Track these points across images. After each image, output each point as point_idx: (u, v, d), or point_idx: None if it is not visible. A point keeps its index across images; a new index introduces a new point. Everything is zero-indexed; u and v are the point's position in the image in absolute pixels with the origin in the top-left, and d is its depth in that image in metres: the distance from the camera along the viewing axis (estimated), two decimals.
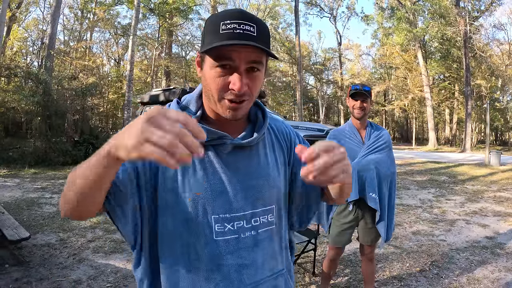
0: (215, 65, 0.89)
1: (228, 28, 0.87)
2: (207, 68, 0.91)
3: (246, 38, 0.87)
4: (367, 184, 2.57)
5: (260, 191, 1.00)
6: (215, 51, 0.87)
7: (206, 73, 0.92)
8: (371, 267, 2.89)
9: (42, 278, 3.46)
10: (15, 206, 6.32)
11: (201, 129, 0.65)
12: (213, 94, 0.92)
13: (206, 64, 0.92)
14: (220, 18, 0.88)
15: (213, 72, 0.90)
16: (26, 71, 16.80)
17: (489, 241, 4.76)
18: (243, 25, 0.87)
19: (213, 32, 0.88)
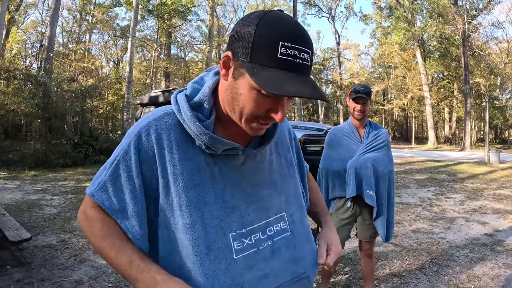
0: (260, 91, 0.80)
1: (289, 54, 0.77)
2: (245, 85, 0.81)
3: (304, 71, 0.80)
4: (364, 182, 2.60)
5: (270, 200, 0.99)
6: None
7: (242, 89, 0.82)
8: (370, 263, 2.91)
9: (43, 278, 3.48)
10: (15, 208, 6.33)
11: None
12: (244, 114, 0.84)
13: (244, 80, 0.81)
14: (280, 34, 0.77)
15: (253, 95, 0.81)
16: (26, 73, 16.84)
17: (488, 239, 4.77)
18: (303, 52, 0.79)
19: (268, 50, 0.77)
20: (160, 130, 0.89)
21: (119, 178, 0.89)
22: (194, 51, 37.14)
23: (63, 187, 8.38)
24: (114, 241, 0.88)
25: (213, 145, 0.88)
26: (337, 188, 2.73)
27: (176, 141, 0.89)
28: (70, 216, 5.80)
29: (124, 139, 0.92)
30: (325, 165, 2.82)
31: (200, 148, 0.90)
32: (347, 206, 2.73)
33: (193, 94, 0.93)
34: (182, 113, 0.88)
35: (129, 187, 0.88)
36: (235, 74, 0.83)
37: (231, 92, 0.85)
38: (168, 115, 0.91)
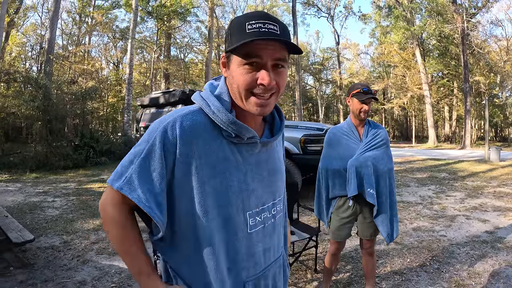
0: (243, 63, 0.95)
1: (254, 27, 0.93)
2: (235, 66, 0.97)
3: (271, 35, 0.93)
4: (365, 180, 2.62)
5: (277, 184, 1.17)
6: (243, 49, 0.94)
7: (234, 72, 0.98)
8: (371, 262, 2.93)
9: (47, 280, 3.50)
10: (17, 210, 6.35)
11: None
12: (241, 90, 0.98)
13: (233, 63, 0.98)
14: (245, 19, 0.95)
15: (241, 69, 0.96)
16: (26, 76, 16.87)
17: (489, 236, 4.79)
18: (268, 24, 0.94)
19: (239, 32, 0.94)
20: (185, 125, 0.98)
21: (145, 171, 0.98)
22: (193, 52, 37.18)
23: (65, 189, 8.40)
24: (130, 247, 1.04)
25: (241, 133, 1.01)
26: (337, 187, 2.75)
27: (201, 135, 1.00)
28: (72, 218, 5.82)
29: (147, 134, 1.01)
30: (324, 164, 2.84)
31: (228, 138, 1.03)
32: (348, 205, 2.75)
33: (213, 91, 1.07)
34: (212, 107, 1.00)
35: (154, 179, 0.98)
36: (227, 65, 1.01)
37: (230, 80, 1.01)
38: (193, 112, 1.02)
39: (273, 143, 1.16)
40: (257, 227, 1.09)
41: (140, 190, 0.97)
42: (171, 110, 6.90)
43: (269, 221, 1.13)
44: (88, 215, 6.00)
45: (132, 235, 1.04)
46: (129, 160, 1.01)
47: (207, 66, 26.83)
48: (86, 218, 5.80)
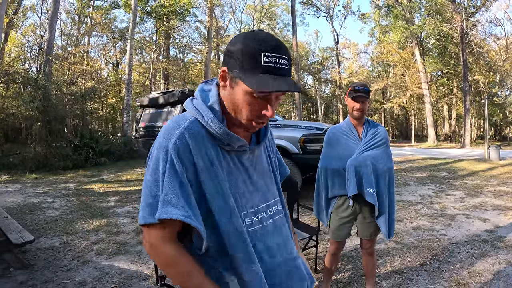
0: (251, 94, 1.01)
1: (270, 61, 0.97)
2: (240, 91, 1.02)
3: (284, 73, 0.99)
4: (364, 180, 2.61)
5: (269, 186, 1.23)
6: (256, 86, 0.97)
7: (238, 95, 1.03)
8: (371, 261, 2.93)
9: (47, 280, 3.50)
10: (17, 211, 6.35)
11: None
12: (243, 115, 1.05)
13: (239, 87, 1.02)
14: (261, 47, 0.97)
15: (247, 98, 1.02)
16: (25, 76, 16.86)
17: (489, 235, 4.79)
18: (281, 59, 0.99)
19: (254, 61, 0.97)
20: (189, 137, 1.03)
21: (175, 189, 0.99)
22: (193, 52, 37.17)
23: (65, 190, 8.40)
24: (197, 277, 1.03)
25: (232, 142, 1.07)
26: (337, 187, 2.75)
27: (201, 145, 1.04)
28: (72, 218, 5.82)
29: (159, 153, 1.03)
30: (324, 164, 2.84)
31: (220, 146, 1.08)
32: (347, 204, 2.75)
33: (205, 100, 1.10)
34: (205, 117, 1.05)
35: (186, 194, 1.00)
36: (231, 84, 1.04)
37: (231, 99, 1.06)
38: (193, 122, 1.06)
39: (259, 149, 1.22)
40: (254, 227, 1.12)
41: (180, 208, 0.98)
42: (171, 110, 6.87)
43: (267, 221, 1.17)
44: (88, 216, 6.00)
45: (192, 265, 1.04)
46: (154, 188, 1.02)
47: (207, 66, 26.83)
48: (86, 219, 5.80)
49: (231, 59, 1.02)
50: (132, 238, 4.82)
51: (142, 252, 4.30)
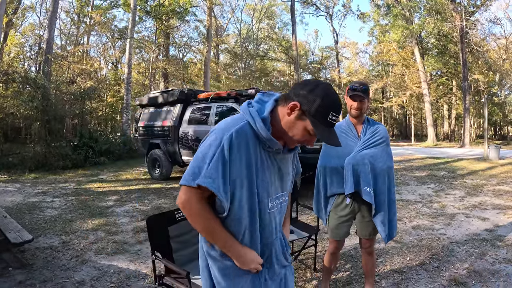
0: (309, 131, 1.38)
1: (332, 120, 1.36)
2: (302, 126, 1.38)
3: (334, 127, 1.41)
4: (362, 178, 2.60)
5: (287, 182, 1.60)
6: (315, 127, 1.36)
7: (299, 127, 1.38)
8: (371, 260, 2.92)
9: (45, 280, 3.48)
10: (16, 210, 6.34)
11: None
12: (294, 137, 1.41)
13: (303, 123, 1.37)
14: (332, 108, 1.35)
15: (304, 133, 1.39)
16: (24, 76, 16.83)
17: (489, 234, 4.78)
18: (337, 118, 1.40)
19: (325, 115, 1.34)
20: (240, 135, 1.35)
21: (218, 168, 1.31)
22: (192, 52, 37.12)
23: (64, 189, 8.39)
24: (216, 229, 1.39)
25: (272, 145, 1.41)
26: (335, 185, 2.74)
27: (248, 144, 1.37)
28: (71, 218, 5.81)
29: (214, 140, 1.35)
30: (323, 162, 2.83)
31: (263, 147, 1.42)
32: (346, 203, 2.74)
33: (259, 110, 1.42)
34: (257, 124, 1.37)
35: (224, 174, 1.32)
36: (297, 117, 1.37)
37: (290, 125, 1.39)
38: (245, 125, 1.38)
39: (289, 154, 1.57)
40: (273, 209, 1.51)
41: (217, 183, 1.30)
42: (170, 110, 6.86)
43: (279, 206, 1.55)
44: (87, 215, 5.98)
45: (216, 221, 1.39)
46: (201, 162, 1.33)
47: (206, 66, 26.80)
48: (85, 218, 5.78)
49: (306, 101, 1.34)
50: (131, 238, 4.81)
51: (141, 252, 4.29)
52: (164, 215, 2.67)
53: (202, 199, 1.36)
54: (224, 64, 42.84)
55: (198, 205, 1.35)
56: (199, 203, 1.35)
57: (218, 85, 35.46)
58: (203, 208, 1.36)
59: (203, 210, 1.36)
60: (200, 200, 1.35)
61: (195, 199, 1.34)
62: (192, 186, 1.31)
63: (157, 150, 9.67)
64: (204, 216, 1.37)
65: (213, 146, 1.33)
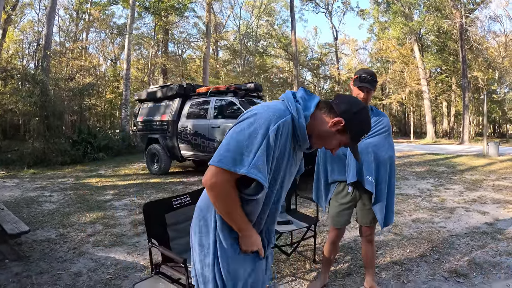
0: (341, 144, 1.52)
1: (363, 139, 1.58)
2: (338, 139, 1.49)
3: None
4: (364, 167, 2.57)
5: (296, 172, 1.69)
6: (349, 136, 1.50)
7: (336, 140, 1.50)
8: (371, 250, 2.88)
9: (42, 271, 3.46)
10: (14, 204, 6.30)
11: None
12: (325, 144, 1.54)
13: (340, 136, 1.49)
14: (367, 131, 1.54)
15: (336, 143, 1.52)
16: (23, 72, 16.78)
17: (489, 227, 4.76)
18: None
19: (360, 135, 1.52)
20: (284, 126, 1.38)
21: (264, 160, 1.33)
22: (191, 48, 37.04)
23: (62, 184, 8.36)
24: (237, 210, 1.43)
25: (303, 143, 1.48)
26: (336, 172, 2.71)
27: (286, 136, 1.41)
28: (69, 211, 5.78)
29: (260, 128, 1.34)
30: (323, 149, 2.79)
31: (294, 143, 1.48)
32: (347, 191, 2.71)
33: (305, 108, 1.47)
34: (300, 123, 1.42)
35: (268, 163, 1.37)
36: (338, 131, 1.47)
37: (328, 134, 1.48)
38: (289, 118, 1.41)
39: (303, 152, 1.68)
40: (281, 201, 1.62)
41: (264, 174, 1.33)
42: (169, 104, 6.83)
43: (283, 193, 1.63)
44: (85, 209, 5.95)
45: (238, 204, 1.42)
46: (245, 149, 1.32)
47: (205, 62, 26.70)
48: (83, 212, 5.75)
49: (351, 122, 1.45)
50: (129, 230, 4.78)
51: (139, 244, 4.26)
52: (161, 202, 2.63)
53: (234, 183, 1.39)
54: (223, 61, 42.75)
55: (229, 189, 1.38)
56: (231, 187, 1.38)
57: (217, 82, 35.33)
58: (233, 191, 1.39)
59: (232, 193, 1.39)
60: (232, 184, 1.38)
61: (229, 184, 1.36)
62: (232, 171, 1.32)
63: (155, 145, 9.64)
64: (231, 199, 1.40)
65: (259, 135, 1.33)
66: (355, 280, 3.22)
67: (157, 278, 2.37)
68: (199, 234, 1.56)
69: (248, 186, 1.42)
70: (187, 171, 10.42)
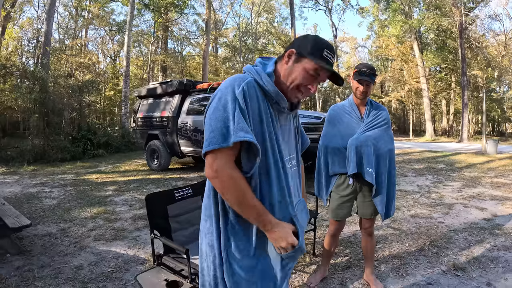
0: (309, 72, 1.39)
1: (328, 56, 1.40)
2: (300, 68, 1.39)
3: (332, 65, 1.42)
4: (364, 159, 2.60)
5: (295, 143, 1.62)
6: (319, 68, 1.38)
7: (297, 69, 1.40)
8: (370, 242, 2.92)
9: (43, 265, 3.48)
10: (15, 200, 6.32)
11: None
12: (293, 83, 1.41)
13: (300, 64, 1.40)
14: (325, 45, 1.40)
15: (304, 73, 1.39)
16: (22, 69, 16.77)
17: (487, 223, 4.79)
18: (333, 58, 1.44)
19: (319, 52, 1.39)
20: (249, 88, 1.34)
21: (243, 120, 1.28)
22: (191, 45, 37.00)
23: (62, 180, 8.37)
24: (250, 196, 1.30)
25: (279, 100, 1.41)
26: (337, 164, 2.74)
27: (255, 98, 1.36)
28: (69, 207, 5.80)
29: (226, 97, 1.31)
30: (324, 142, 2.83)
31: (270, 103, 1.41)
32: (348, 183, 2.74)
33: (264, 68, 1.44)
34: (264, 80, 1.39)
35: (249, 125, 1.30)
36: (295, 61, 1.40)
37: (289, 72, 1.41)
38: (252, 81, 1.37)
39: (293, 116, 1.60)
40: (289, 171, 1.47)
41: (250, 134, 1.27)
42: (169, 100, 6.84)
43: (294, 168, 1.54)
44: (85, 204, 5.98)
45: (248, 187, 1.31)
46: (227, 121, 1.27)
47: (205, 59, 26.70)
48: (84, 207, 5.78)
49: (301, 45, 1.40)
50: (130, 225, 4.80)
51: (140, 238, 4.28)
52: (163, 193, 2.66)
53: (234, 163, 1.30)
54: (223, 58, 42.74)
55: (231, 170, 1.28)
56: (233, 167, 1.29)
57: (216, 79, 35.31)
58: (236, 172, 1.29)
59: (236, 174, 1.29)
60: (233, 165, 1.29)
61: (229, 164, 1.28)
62: (225, 146, 1.25)
63: (155, 141, 9.65)
64: (238, 182, 1.28)
65: (229, 102, 1.29)
66: (355, 273, 3.25)
67: (159, 269, 2.39)
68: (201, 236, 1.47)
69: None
70: (187, 167, 10.45)
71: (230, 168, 1.28)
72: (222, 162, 1.27)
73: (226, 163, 1.27)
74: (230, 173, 1.27)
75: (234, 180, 1.27)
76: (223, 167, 1.27)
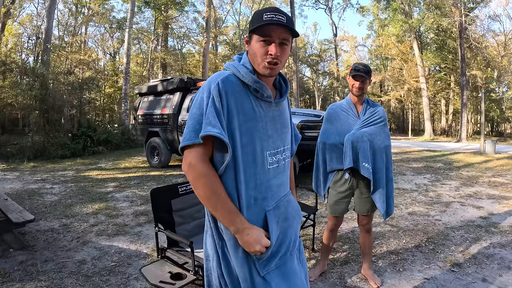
0: (260, 40, 1.36)
1: (269, 17, 1.33)
2: (254, 42, 1.38)
3: (279, 22, 1.32)
4: (360, 154, 2.67)
5: (286, 135, 1.54)
6: (260, 30, 1.35)
7: (253, 46, 1.39)
8: (368, 238, 2.98)
9: (47, 260, 3.53)
10: (16, 196, 6.36)
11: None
12: (257, 58, 1.38)
13: (253, 40, 1.39)
14: (264, 11, 1.35)
15: (258, 44, 1.37)
16: (22, 66, 16.78)
17: (483, 221, 4.86)
18: (278, 15, 1.34)
19: (258, 19, 1.34)
20: (227, 84, 1.35)
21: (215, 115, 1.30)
22: (191, 43, 37.01)
23: (63, 177, 8.42)
24: (221, 194, 1.31)
25: (261, 89, 1.40)
26: (334, 161, 2.81)
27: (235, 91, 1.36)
28: (71, 203, 5.85)
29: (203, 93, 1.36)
30: (322, 138, 2.90)
31: (252, 94, 1.40)
32: (345, 178, 2.80)
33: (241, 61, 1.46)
34: (241, 72, 1.39)
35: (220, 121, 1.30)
36: (249, 42, 1.41)
37: (250, 53, 1.41)
38: (230, 75, 1.39)
39: (282, 104, 1.54)
40: (273, 165, 1.44)
41: (218, 127, 1.28)
42: (169, 98, 6.88)
43: (281, 162, 1.49)
44: (87, 200, 6.03)
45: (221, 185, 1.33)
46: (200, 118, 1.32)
47: (205, 56, 26.70)
48: (85, 203, 5.83)
49: (249, 27, 1.38)
50: (131, 220, 4.86)
51: (142, 233, 4.34)
52: (167, 188, 2.72)
53: (207, 159, 1.34)
54: (223, 56, 42.73)
55: (202, 165, 1.31)
56: (204, 162, 1.32)
57: None
58: (208, 168, 1.32)
59: (208, 170, 1.31)
60: (205, 160, 1.33)
61: (200, 159, 1.31)
62: (196, 142, 1.30)
63: (156, 138, 9.70)
64: (208, 178, 1.30)
65: (204, 99, 1.33)
66: (353, 267, 3.32)
67: (163, 262, 2.45)
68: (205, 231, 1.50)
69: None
70: None
71: (201, 163, 1.31)
72: (195, 157, 1.32)
73: (198, 158, 1.31)
74: (201, 168, 1.31)
75: (204, 176, 1.30)
76: (196, 162, 1.31)
